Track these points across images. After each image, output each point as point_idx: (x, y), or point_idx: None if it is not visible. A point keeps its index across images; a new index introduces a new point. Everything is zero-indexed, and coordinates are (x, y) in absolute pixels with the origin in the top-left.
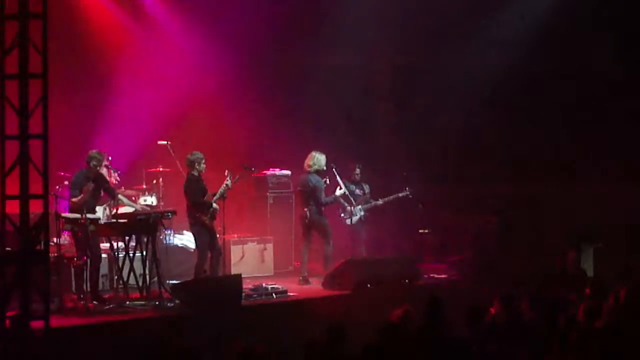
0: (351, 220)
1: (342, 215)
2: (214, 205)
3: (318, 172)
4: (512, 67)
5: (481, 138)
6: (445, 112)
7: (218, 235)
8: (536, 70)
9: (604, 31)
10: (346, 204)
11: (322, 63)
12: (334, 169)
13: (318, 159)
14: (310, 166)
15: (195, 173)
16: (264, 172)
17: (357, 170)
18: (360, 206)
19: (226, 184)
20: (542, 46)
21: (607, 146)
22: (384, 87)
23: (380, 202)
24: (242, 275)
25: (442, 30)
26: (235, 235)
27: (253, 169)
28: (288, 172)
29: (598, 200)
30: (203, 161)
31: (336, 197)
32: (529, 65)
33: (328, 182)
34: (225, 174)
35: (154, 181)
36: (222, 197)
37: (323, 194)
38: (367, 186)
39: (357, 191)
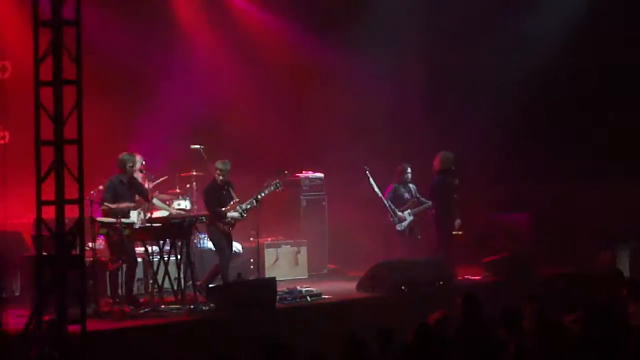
0: (401, 225)
1: (392, 220)
2: (231, 214)
3: (444, 172)
4: (546, 65)
5: (514, 137)
6: (478, 112)
7: (251, 239)
8: (569, 67)
9: (636, 28)
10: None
11: (355, 64)
12: (367, 172)
13: (443, 158)
14: (436, 166)
15: (218, 181)
16: (297, 174)
17: (408, 170)
18: (409, 210)
19: (255, 198)
20: (575, 43)
21: None
22: (418, 87)
23: (431, 203)
24: (277, 279)
25: (474, 29)
26: (269, 239)
27: (286, 171)
28: (321, 175)
29: (634, 199)
30: (225, 172)
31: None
32: (563, 63)
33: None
34: (269, 184)
35: (188, 185)
36: (246, 209)
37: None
38: (414, 187)
39: (406, 195)
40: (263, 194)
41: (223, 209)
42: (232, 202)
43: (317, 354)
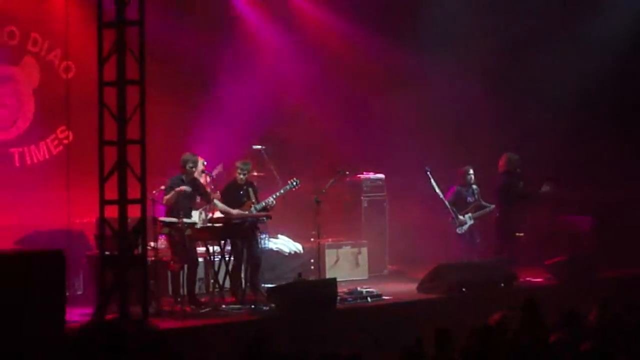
0: (462, 229)
1: (452, 222)
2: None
3: (509, 173)
4: (611, 67)
5: (579, 139)
6: (541, 114)
7: (312, 240)
8: (634, 69)
9: None
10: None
11: (418, 66)
12: (428, 173)
13: (509, 160)
14: (501, 167)
15: (238, 180)
16: (358, 175)
17: (471, 172)
18: (469, 214)
19: (271, 198)
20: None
21: None
22: (480, 89)
23: (493, 207)
24: (337, 279)
25: (537, 32)
26: (330, 239)
27: (347, 172)
28: (382, 176)
29: None
30: (245, 172)
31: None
32: (628, 64)
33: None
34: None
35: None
36: (260, 209)
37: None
38: (477, 188)
39: (469, 198)
40: (278, 194)
41: (237, 209)
42: (249, 202)
43: (331, 354)
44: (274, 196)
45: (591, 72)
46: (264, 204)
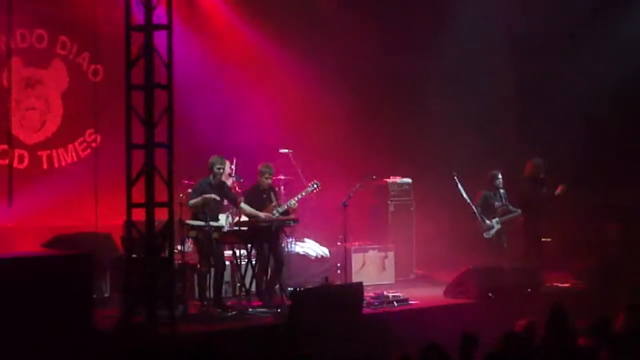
0: (489, 233)
1: (480, 226)
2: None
3: (534, 179)
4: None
5: (606, 144)
6: (569, 117)
7: (339, 244)
8: None
9: None
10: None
11: (442, 66)
12: (455, 177)
13: (533, 165)
14: (526, 173)
15: (262, 184)
16: (385, 179)
17: (499, 176)
18: (496, 219)
19: (292, 201)
20: None
21: None
22: (508, 91)
23: (519, 211)
24: (363, 283)
25: (564, 34)
26: (357, 243)
27: (374, 176)
28: (409, 180)
29: None
30: (265, 175)
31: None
32: None
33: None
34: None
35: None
36: (282, 212)
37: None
38: (504, 193)
39: (496, 203)
40: (299, 197)
41: (261, 212)
42: (271, 206)
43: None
44: (296, 199)
45: (616, 74)
46: (285, 206)
